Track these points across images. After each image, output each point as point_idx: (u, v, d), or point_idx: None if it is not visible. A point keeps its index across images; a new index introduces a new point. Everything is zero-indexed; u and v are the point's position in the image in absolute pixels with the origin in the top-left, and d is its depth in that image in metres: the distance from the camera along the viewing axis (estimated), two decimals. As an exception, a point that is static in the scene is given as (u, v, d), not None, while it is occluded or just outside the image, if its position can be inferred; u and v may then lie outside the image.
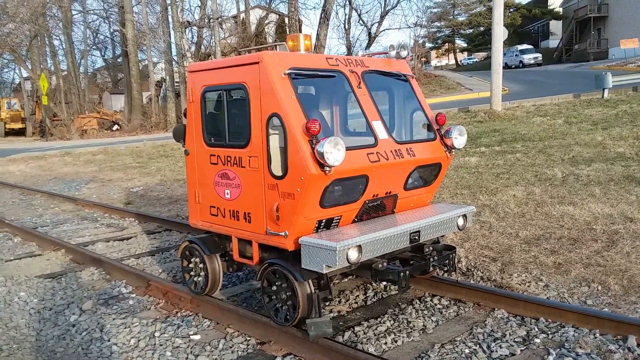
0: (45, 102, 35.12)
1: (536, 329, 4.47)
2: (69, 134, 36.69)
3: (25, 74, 49.55)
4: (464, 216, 5.06)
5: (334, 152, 3.91)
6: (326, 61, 4.65)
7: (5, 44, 39.71)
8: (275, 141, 4.26)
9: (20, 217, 10.18)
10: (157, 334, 4.64)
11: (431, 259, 4.82)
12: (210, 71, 4.88)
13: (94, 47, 58.17)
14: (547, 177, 9.58)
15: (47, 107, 36.90)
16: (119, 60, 52.02)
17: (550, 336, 4.34)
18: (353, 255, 4.00)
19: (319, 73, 4.55)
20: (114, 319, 4.99)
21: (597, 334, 4.28)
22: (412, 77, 5.31)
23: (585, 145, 11.90)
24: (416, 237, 4.54)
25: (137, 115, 38.99)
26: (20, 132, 44.91)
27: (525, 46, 52.12)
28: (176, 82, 38.25)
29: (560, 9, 57.04)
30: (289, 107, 4.13)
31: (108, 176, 15.49)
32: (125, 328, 4.78)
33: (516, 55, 49.73)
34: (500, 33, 17.72)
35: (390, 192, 4.77)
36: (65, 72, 47.58)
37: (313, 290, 4.20)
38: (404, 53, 5.34)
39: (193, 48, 35.94)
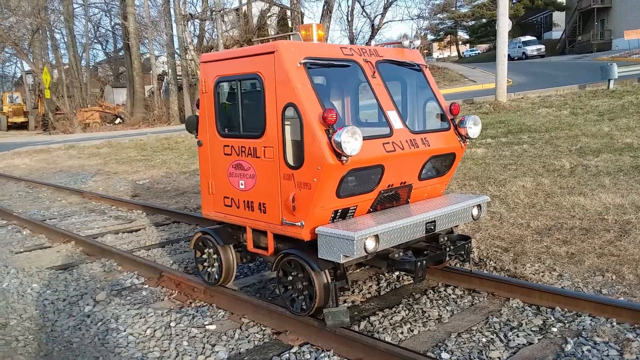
0: (47, 95, 35.11)
1: (552, 318, 4.46)
2: (72, 127, 36.69)
3: (27, 68, 49.44)
4: (479, 206, 5.04)
5: (352, 141, 3.89)
6: (341, 51, 4.62)
7: (7, 38, 39.64)
8: (290, 131, 4.24)
9: (28, 210, 10.19)
10: (172, 324, 4.64)
11: (447, 249, 4.80)
12: (223, 61, 4.85)
13: (96, 40, 58.19)
14: (555, 168, 9.55)
15: (50, 101, 36.88)
16: (121, 53, 51.94)
17: (567, 325, 4.33)
18: (370, 245, 3.98)
19: (334, 63, 4.52)
20: (128, 310, 5.00)
21: (614, 323, 4.27)
22: (426, 67, 5.28)
23: (592, 136, 11.85)
24: (432, 227, 4.53)
25: (139, 108, 38.95)
26: (23, 126, 44.94)
27: (528, 37, 51.84)
28: (178, 75, 38.18)
29: (564, 0, 56.73)
30: (305, 96, 4.10)
31: (113, 169, 15.49)
32: (141, 318, 4.78)
33: (519, 46, 49.49)
34: (505, 24, 17.62)
35: (405, 182, 4.75)
36: (67, 66, 47.54)
37: (330, 280, 4.19)
38: (417, 43, 5.31)
39: (195, 41, 35.80)
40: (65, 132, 35.90)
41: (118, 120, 39.94)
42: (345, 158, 3.96)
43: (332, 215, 4.30)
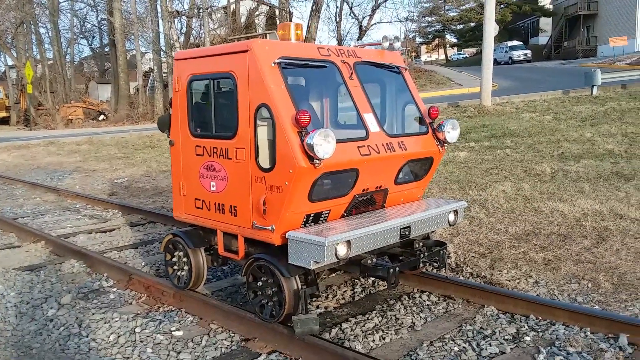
0: (30, 90, 34.55)
1: (526, 327, 4.40)
2: (54, 123, 36.13)
3: (10, 62, 48.69)
4: (455, 212, 4.96)
5: (324, 144, 3.79)
6: (317, 51, 4.51)
7: (-10, 31, 38.99)
8: (263, 132, 4.13)
9: (0, 207, 9.93)
10: (137, 330, 4.50)
11: (421, 255, 4.72)
12: (197, 59, 4.71)
13: (81, 35, 57.44)
14: (536, 172, 9.54)
15: (32, 96, 36.31)
16: (106, 49, 51.27)
17: (541, 334, 4.27)
18: (342, 250, 3.88)
19: (310, 63, 4.41)
20: (93, 314, 4.84)
21: (588, 332, 4.21)
22: (405, 70, 5.20)
23: (574, 141, 11.89)
24: (407, 233, 4.44)
25: (123, 105, 38.48)
26: (4, 121, 44.17)
27: (514, 42, 52.27)
28: (164, 72, 37.80)
29: (551, 6, 57.27)
30: (278, 97, 3.99)
31: (92, 166, 15.23)
32: (105, 323, 4.63)
33: (506, 51, 49.85)
34: (491, 28, 17.66)
35: (380, 187, 4.66)
36: (52, 61, 46.84)
37: (300, 287, 4.08)
38: (397, 44, 5.21)
39: (182, 38, 35.47)
40: (47, 128, 35.33)
41: (102, 117, 39.42)
42: (317, 161, 3.85)
43: (304, 219, 4.19)
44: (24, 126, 38.28)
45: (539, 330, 4.33)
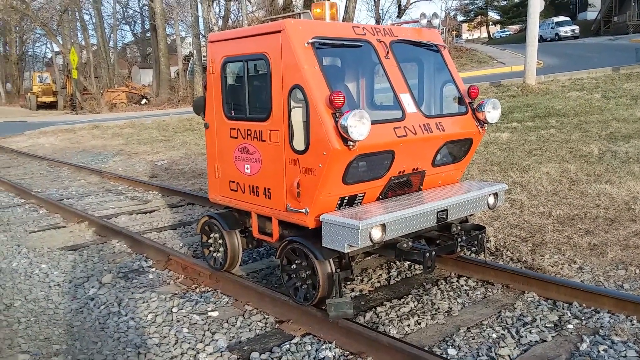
0: (75, 76, 35.49)
1: (569, 314, 4.24)
2: (99, 107, 37.10)
3: (56, 49, 50.10)
4: (495, 194, 4.80)
5: (359, 125, 3.70)
6: (352, 30, 4.40)
7: (37, 19, 40.11)
8: (297, 114, 4.07)
9: (47, 189, 10.28)
10: (174, 310, 4.57)
11: (459, 239, 4.59)
12: (230, 41, 4.68)
13: (124, 21, 58.54)
14: (582, 154, 9.16)
15: (77, 81, 37.30)
16: (148, 34, 52.11)
17: (584, 322, 4.10)
18: (376, 234, 3.81)
19: (345, 42, 4.30)
20: (132, 293, 4.94)
21: (635, 321, 4.03)
22: (444, 48, 5.02)
23: (624, 120, 11.34)
24: (444, 216, 4.32)
25: (164, 89, 39.10)
26: (52, 106, 45.64)
27: (561, 18, 50.13)
28: (204, 56, 38.10)
29: (600, -21, 54.62)
30: (312, 78, 3.91)
31: (134, 149, 15.56)
32: (144, 303, 4.72)
33: (552, 27, 47.94)
34: (537, 4, 16.94)
35: (417, 169, 4.54)
36: (95, 47, 47.96)
37: (334, 270, 4.04)
38: (435, 22, 5.04)
39: (220, 22, 35.64)
40: (92, 112, 36.31)
41: (144, 101, 40.18)
42: (352, 143, 3.77)
43: (339, 202, 4.13)
44: (71, 110, 39.45)
45: (583, 318, 4.17)
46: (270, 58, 4.21)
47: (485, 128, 4.88)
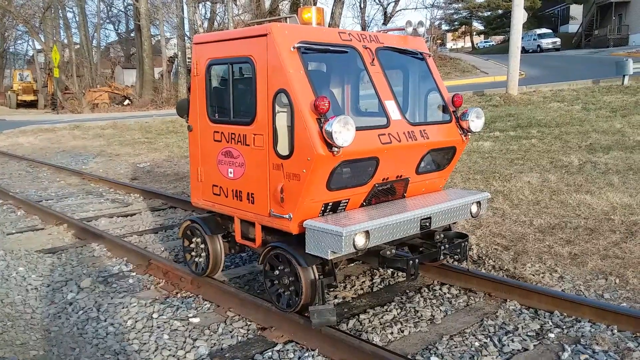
0: (56, 74, 34.96)
1: (550, 323, 4.26)
2: (80, 107, 36.61)
3: (38, 46, 49.37)
4: (478, 203, 4.83)
5: (343, 131, 3.69)
6: (338, 35, 4.40)
7: (19, 15, 39.49)
8: (281, 119, 4.04)
9: (26, 190, 10.08)
10: (155, 315, 4.50)
11: (442, 247, 4.60)
12: (216, 43, 4.64)
13: (108, 20, 57.88)
14: (563, 164, 9.29)
15: (59, 80, 36.80)
16: (132, 34, 51.66)
17: (565, 331, 4.13)
18: (360, 241, 3.80)
19: (331, 48, 4.30)
20: (112, 298, 4.85)
21: (615, 330, 4.07)
22: (429, 56, 5.04)
23: (603, 132, 11.54)
24: (427, 224, 4.33)
25: (148, 90, 38.76)
26: (32, 104, 44.89)
27: (544, 30, 50.92)
28: (188, 58, 37.87)
29: (582, -7, 55.57)
30: (297, 82, 3.89)
31: (116, 151, 15.37)
32: (123, 308, 4.64)
33: (534, 39, 48.64)
34: (520, 15, 17.18)
35: (401, 176, 4.55)
36: (78, 45, 47.39)
37: (317, 277, 4.01)
38: (421, 30, 5.06)
39: (206, 24, 35.48)
40: (74, 111, 35.82)
41: (127, 101, 39.78)
42: (336, 149, 3.76)
43: (323, 208, 4.11)
44: (51, 110, 38.87)
45: (564, 327, 4.19)
46: (255, 61, 4.18)
47: (469, 136, 4.90)
